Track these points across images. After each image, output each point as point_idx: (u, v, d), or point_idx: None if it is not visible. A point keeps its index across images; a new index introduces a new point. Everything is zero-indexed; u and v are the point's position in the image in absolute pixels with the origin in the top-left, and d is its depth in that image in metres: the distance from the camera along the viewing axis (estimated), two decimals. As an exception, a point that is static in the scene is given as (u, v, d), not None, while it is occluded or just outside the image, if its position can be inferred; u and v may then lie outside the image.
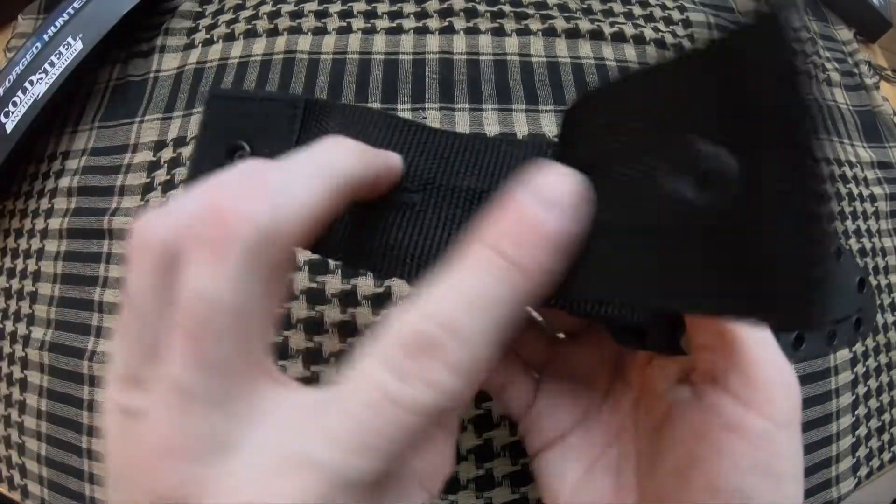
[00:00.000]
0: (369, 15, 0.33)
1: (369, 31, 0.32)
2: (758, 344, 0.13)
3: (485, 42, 0.32)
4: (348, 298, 0.26)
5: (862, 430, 0.31)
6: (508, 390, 0.19)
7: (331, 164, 0.12)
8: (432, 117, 0.29)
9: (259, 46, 0.32)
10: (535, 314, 0.20)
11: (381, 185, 0.14)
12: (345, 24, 0.32)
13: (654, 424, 0.16)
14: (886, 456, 0.32)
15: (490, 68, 0.31)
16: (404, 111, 0.29)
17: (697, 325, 0.14)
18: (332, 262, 0.26)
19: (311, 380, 0.25)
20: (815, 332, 0.16)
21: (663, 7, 0.36)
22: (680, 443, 0.14)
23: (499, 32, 0.32)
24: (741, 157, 0.09)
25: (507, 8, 0.33)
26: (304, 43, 0.31)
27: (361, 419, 0.10)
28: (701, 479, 0.13)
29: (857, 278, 0.19)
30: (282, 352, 0.25)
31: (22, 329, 0.30)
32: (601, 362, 0.18)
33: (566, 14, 0.33)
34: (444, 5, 0.33)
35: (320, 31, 0.32)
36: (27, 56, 0.31)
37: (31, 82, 0.30)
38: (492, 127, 0.29)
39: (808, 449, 0.30)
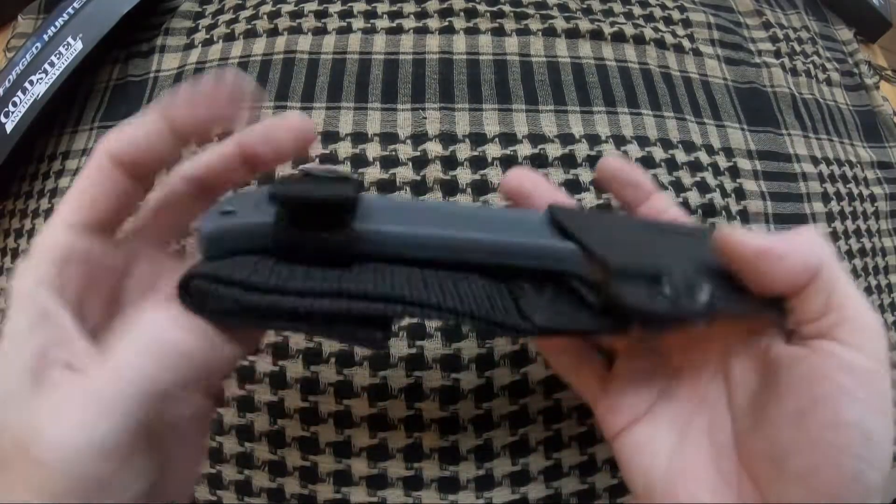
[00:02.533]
0: (369, 15, 0.33)
1: (369, 31, 0.32)
2: (853, 300, 0.15)
3: (485, 42, 0.32)
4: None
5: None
6: (580, 371, 0.20)
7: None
8: (432, 117, 0.29)
9: (259, 46, 0.32)
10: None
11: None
12: (345, 24, 0.32)
13: (756, 382, 0.17)
14: (886, 456, 0.32)
15: (490, 68, 0.31)
16: (404, 111, 0.29)
17: (804, 299, 0.16)
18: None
19: (311, 381, 0.25)
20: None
21: (663, 7, 0.36)
22: (799, 388, 0.15)
23: (499, 32, 0.32)
24: None
25: (507, 8, 0.33)
26: (304, 43, 0.31)
27: None
28: (826, 414, 0.14)
29: None
30: (282, 352, 0.25)
31: (22, 329, 0.30)
32: (675, 337, 0.19)
33: (566, 14, 0.33)
34: (444, 5, 0.33)
35: (320, 31, 0.32)
36: (27, 56, 0.31)
37: (31, 82, 0.30)
38: (492, 127, 0.29)
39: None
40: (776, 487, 0.15)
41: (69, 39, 0.31)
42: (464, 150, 0.28)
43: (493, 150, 0.28)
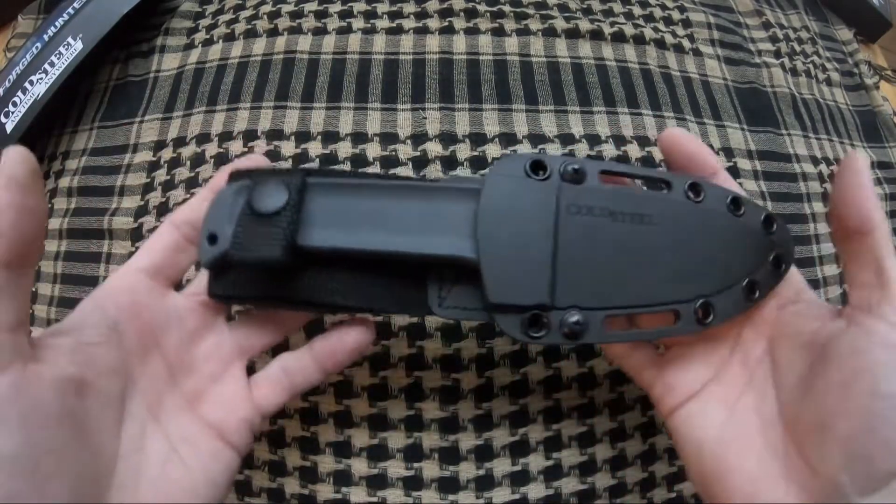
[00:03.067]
0: (369, 15, 0.33)
1: (369, 32, 0.32)
2: None
3: (485, 42, 0.32)
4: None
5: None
6: (633, 356, 0.22)
7: None
8: (432, 117, 0.29)
9: (259, 46, 0.32)
10: None
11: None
12: (345, 24, 0.32)
13: (803, 356, 0.18)
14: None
15: (490, 68, 0.31)
16: (404, 111, 0.29)
17: (859, 264, 0.18)
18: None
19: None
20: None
21: (663, 7, 0.36)
22: (842, 361, 0.17)
23: (499, 32, 0.32)
24: None
25: (507, 8, 0.33)
26: (304, 43, 0.31)
27: None
28: (865, 385, 0.16)
29: (760, 217, 0.20)
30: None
31: (22, 329, 0.30)
32: (724, 332, 0.20)
33: (566, 14, 0.33)
34: (444, 5, 0.33)
35: (320, 32, 0.32)
36: (27, 56, 0.31)
37: (31, 82, 0.30)
38: (492, 127, 0.29)
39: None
40: (818, 452, 0.17)
41: (69, 39, 0.31)
42: (464, 150, 0.28)
43: (493, 150, 0.28)
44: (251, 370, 0.21)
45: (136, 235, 0.28)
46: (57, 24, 0.31)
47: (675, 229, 0.19)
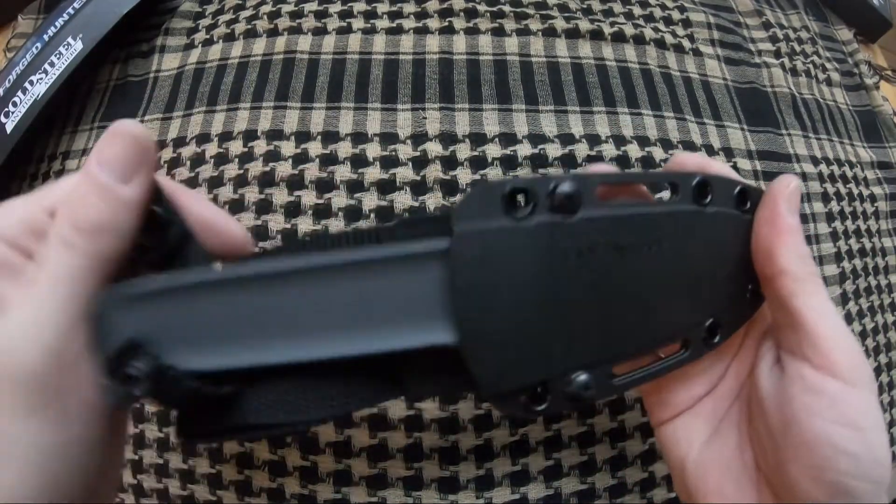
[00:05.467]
0: (369, 15, 0.33)
1: (369, 32, 0.32)
2: (822, 319, 0.16)
3: (485, 42, 0.32)
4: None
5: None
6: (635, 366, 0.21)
7: None
8: (432, 117, 0.29)
9: (259, 46, 0.32)
10: None
11: None
12: (345, 24, 0.32)
13: (758, 394, 0.18)
14: (886, 456, 0.32)
15: (490, 68, 0.31)
16: (404, 111, 0.29)
17: (773, 303, 0.17)
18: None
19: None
20: None
21: (663, 7, 0.36)
22: (774, 408, 0.17)
23: (499, 32, 0.32)
24: None
25: (507, 8, 0.33)
26: (304, 43, 0.31)
27: None
28: (797, 434, 0.15)
29: (735, 190, 0.18)
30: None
31: (22, 329, 0.30)
32: (729, 340, 0.20)
33: (566, 14, 0.33)
34: (444, 5, 0.33)
35: (320, 32, 0.32)
36: (27, 56, 0.31)
37: (31, 82, 0.30)
38: (492, 127, 0.29)
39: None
40: (778, 490, 0.17)
41: (69, 39, 0.31)
42: (464, 151, 0.28)
43: (493, 151, 0.29)
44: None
45: (136, 235, 0.28)
46: (57, 24, 0.31)
47: (684, 248, 0.17)
